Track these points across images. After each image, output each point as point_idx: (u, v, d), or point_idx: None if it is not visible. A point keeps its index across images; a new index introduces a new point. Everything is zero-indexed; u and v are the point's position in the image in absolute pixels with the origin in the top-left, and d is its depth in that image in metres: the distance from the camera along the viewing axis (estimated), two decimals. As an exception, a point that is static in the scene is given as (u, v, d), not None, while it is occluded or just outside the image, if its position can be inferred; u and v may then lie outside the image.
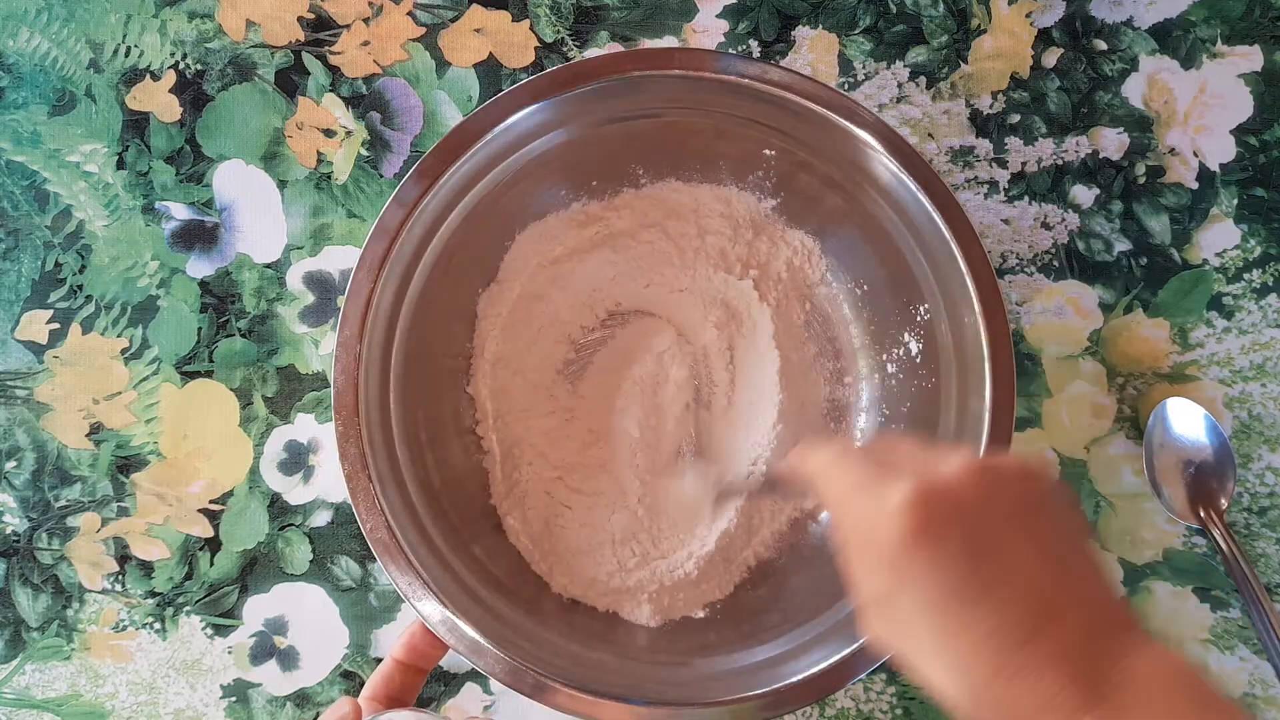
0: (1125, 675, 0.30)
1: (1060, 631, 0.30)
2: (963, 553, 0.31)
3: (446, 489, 0.50)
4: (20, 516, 0.54)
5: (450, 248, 0.49)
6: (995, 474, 0.32)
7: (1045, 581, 0.31)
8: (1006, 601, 0.31)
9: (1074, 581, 0.32)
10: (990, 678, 0.31)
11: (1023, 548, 0.31)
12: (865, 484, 0.33)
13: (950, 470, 0.32)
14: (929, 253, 0.47)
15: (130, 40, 0.56)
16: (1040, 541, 0.32)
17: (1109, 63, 0.56)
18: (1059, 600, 0.31)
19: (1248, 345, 0.55)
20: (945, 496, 0.31)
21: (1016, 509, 0.32)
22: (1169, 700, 0.30)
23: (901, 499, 0.31)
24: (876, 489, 0.32)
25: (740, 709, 0.44)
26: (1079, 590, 0.32)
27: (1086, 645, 0.30)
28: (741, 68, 0.47)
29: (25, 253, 0.55)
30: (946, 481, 0.31)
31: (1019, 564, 0.31)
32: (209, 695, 0.53)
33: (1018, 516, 0.32)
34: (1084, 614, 0.31)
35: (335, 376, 0.45)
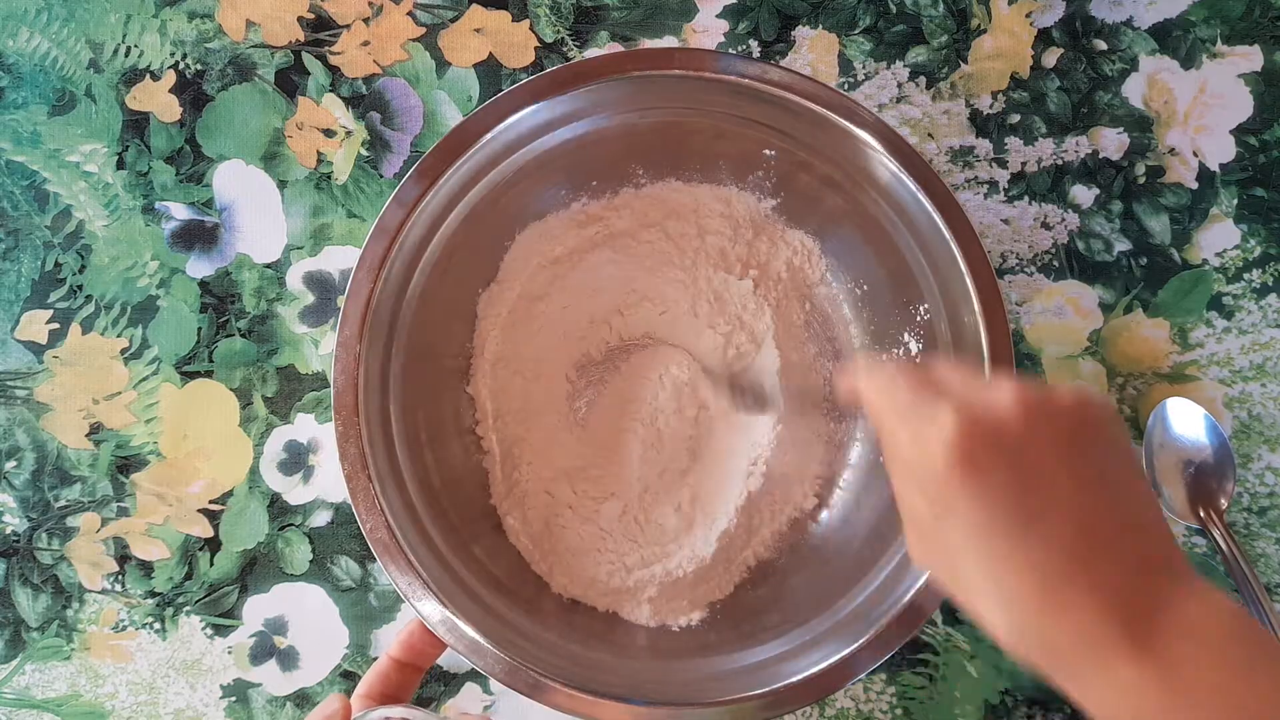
0: (1175, 623, 0.29)
1: (1106, 565, 0.30)
2: (1009, 483, 0.31)
3: (446, 489, 0.50)
4: (20, 516, 0.54)
5: (450, 248, 0.49)
6: (1046, 404, 0.31)
7: (1093, 515, 0.31)
8: (1052, 533, 0.30)
9: (1124, 515, 0.31)
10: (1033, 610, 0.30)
11: (1071, 480, 0.31)
12: (914, 407, 0.32)
13: (1000, 399, 0.31)
14: (929, 253, 0.47)
15: (130, 40, 0.56)
16: (1089, 474, 0.31)
17: (1109, 63, 0.56)
18: (1107, 534, 0.30)
19: (1248, 345, 0.55)
20: (993, 426, 0.31)
21: (1067, 440, 0.31)
22: (1215, 641, 0.29)
23: (949, 426, 0.31)
24: (925, 413, 0.32)
25: (740, 709, 0.44)
26: (1128, 525, 0.31)
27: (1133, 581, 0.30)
28: (741, 68, 0.47)
29: (25, 253, 0.55)
30: (995, 410, 0.31)
31: (1067, 496, 0.30)
32: (209, 695, 0.53)
33: (1067, 448, 0.31)
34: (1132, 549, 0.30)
35: (335, 376, 0.45)
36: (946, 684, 0.53)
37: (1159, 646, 0.29)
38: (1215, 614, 0.30)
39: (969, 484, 0.31)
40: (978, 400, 0.31)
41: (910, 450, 0.32)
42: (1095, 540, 0.30)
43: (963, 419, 0.31)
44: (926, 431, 0.31)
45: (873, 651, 0.44)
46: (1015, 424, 0.31)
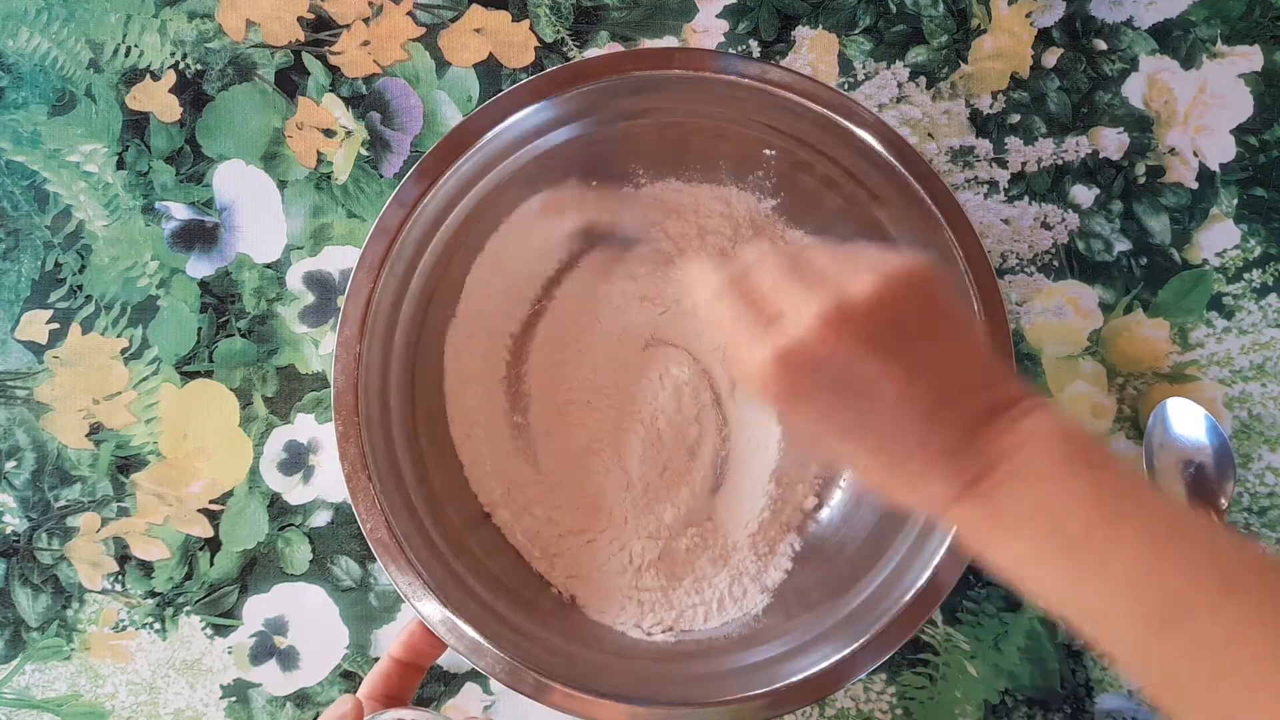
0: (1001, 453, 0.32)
1: (937, 439, 0.33)
2: (829, 405, 0.33)
3: (446, 489, 0.50)
4: (20, 516, 0.54)
5: (450, 248, 0.49)
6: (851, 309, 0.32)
7: (917, 397, 0.33)
8: (885, 432, 0.33)
9: (952, 385, 0.33)
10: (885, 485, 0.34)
11: (888, 378, 0.32)
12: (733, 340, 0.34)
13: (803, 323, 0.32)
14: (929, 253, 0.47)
15: (130, 40, 0.56)
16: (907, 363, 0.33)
17: (1109, 63, 0.56)
18: (936, 408, 0.33)
19: (1248, 345, 0.55)
20: (800, 356, 0.32)
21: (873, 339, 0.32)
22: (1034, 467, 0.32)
23: (763, 366, 0.32)
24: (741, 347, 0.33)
25: (740, 709, 0.44)
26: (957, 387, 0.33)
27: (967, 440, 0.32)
28: (741, 68, 0.47)
29: (25, 253, 0.55)
30: (798, 340, 0.32)
31: (886, 395, 0.32)
32: (209, 695, 0.53)
33: (876, 346, 0.32)
34: (964, 412, 0.33)
35: (335, 376, 0.45)
36: (946, 684, 0.53)
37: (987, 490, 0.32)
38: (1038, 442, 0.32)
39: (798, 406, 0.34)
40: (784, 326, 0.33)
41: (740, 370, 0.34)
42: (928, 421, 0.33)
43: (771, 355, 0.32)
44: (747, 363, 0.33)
45: (873, 651, 0.44)
46: (820, 343, 0.32)
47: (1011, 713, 0.53)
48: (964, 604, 0.53)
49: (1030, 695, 0.53)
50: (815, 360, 0.32)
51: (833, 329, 0.32)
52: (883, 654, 0.44)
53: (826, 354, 0.32)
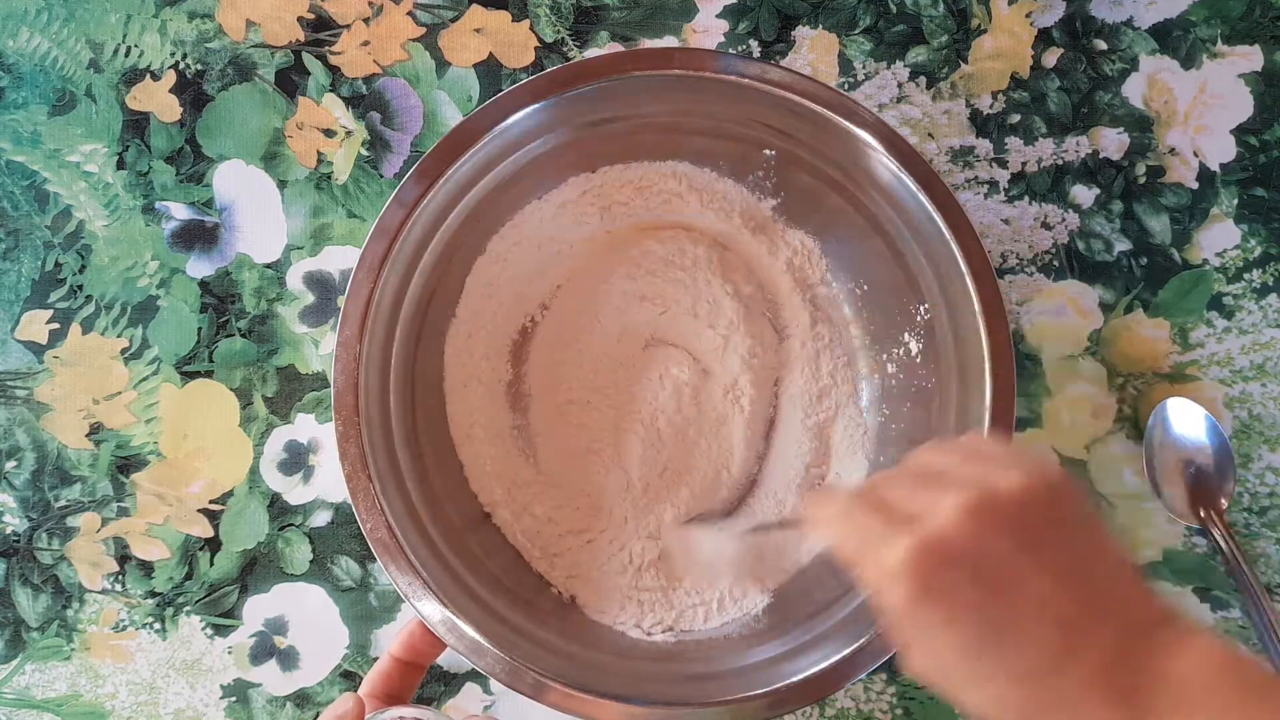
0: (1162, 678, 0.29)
1: (1090, 653, 0.30)
2: (974, 601, 0.30)
3: (446, 489, 0.50)
4: (20, 516, 0.54)
5: (450, 248, 0.49)
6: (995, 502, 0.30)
7: (1067, 605, 0.30)
8: (1028, 638, 0.30)
9: (1098, 594, 0.31)
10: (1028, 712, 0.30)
11: (1035, 576, 0.30)
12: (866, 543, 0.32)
13: (947, 511, 0.30)
14: (929, 253, 0.47)
15: (130, 40, 0.56)
16: (1053, 563, 0.30)
17: (1109, 63, 0.56)
18: (1084, 620, 0.30)
19: (1248, 345, 0.55)
20: (944, 545, 0.30)
21: (1021, 537, 0.30)
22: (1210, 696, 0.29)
23: (899, 559, 0.30)
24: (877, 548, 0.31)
25: (740, 709, 0.44)
26: (1104, 602, 0.31)
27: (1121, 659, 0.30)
28: (741, 68, 0.47)
29: (25, 253, 0.55)
30: (942, 530, 0.30)
31: (1035, 595, 0.30)
32: (209, 695, 0.53)
33: (1024, 544, 0.30)
34: (1114, 626, 0.30)
35: (335, 376, 0.45)
36: (946, 684, 0.53)
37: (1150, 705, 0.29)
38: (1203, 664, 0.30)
39: (933, 608, 0.30)
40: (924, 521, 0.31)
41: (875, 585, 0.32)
42: (1075, 630, 0.30)
43: (912, 545, 0.30)
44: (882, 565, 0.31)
45: (873, 651, 0.44)
46: (966, 534, 0.30)
47: (1011, 713, 0.53)
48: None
49: (1030, 695, 0.53)
50: (958, 553, 0.30)
51: (979, 520, 0.30)
52: (883, 654, 0.44)
53: (971, 545, 0.30)
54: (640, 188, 0.53)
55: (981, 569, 0.30)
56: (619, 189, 0.53)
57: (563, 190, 0.52)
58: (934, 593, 0.30)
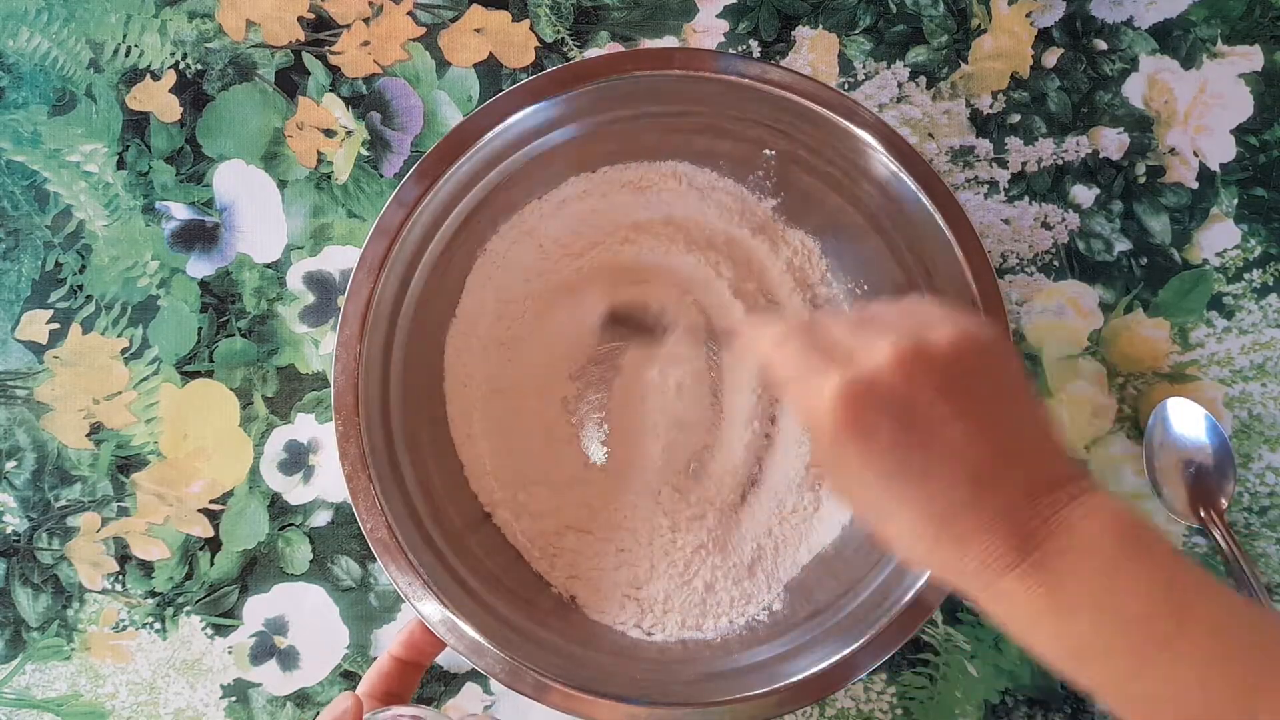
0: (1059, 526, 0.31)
1: (997, 499, 0.32)
2: (895, 438, 0.32)
3: (446, 489, 0.50)
4: (20, 516, 0.54)
5: (450, 248, 0.49)
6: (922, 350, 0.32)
7: (981, 452, 0.32)
8: (941, 480, 0.32)
9: (1010, 445, 0.33)
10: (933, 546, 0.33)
11: (953, 423, 0.32)
12: (802, 372, 0.34)
13: (880, 356, 0.32)
14: (929, 253, 0.47)
15: (130, 40, 0.56)
16: (971, 413, 0.32)
17: (1109, 63, 0.56)
18: (996, 468, 0.32)
19: (1248, 345, 0.55)
20: (872, 386, 0.32)
21: (946, 385, 0.32)
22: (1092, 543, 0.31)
23: (830, 393, 0.32)
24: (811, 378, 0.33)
25: (740, 709, 0.44)
26: (1015, 453, 0.33)
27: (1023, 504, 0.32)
28: (741, 68, 0.47)
29: (25, 253, 0.55)
30: (874, 369, 0.32)
31: (952, 441, 0.32)
32: (209, 695, 0.53)
33: (948, 393, 0.32)
34: (1022, 475, 0.32)
35: (335, 376, 0.45)
36: (947, 684, 0.53)
37: (1044, 559, 0.31)
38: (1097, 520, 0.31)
39: (857, 445, 0.32)
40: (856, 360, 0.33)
41: (802, 411, 0.34)
42: (984, 474, 0.32)
43: (843, 383, 0.32)
44: (813, 395, 0.33)
45: (873, 651, 0.44)
46: (894, 379, 0.32)
47: (1011, 713, 0.53)
48: (964, 604, 0.53)
49: (1030, 695, 0.53)
50: (885, 394, 0.32)
51: (908, 366, 0.32)
52: (883, 654, 0.44)
53: (898, 389, 0.32)
54: (640, 188, 0.53)
55: (904, 412, 0.32)
56: (619, 189, 0.53)
57: (563, 190, 0.52)
58: (858, 428, 0.32)
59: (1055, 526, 0.31)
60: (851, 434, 0.32)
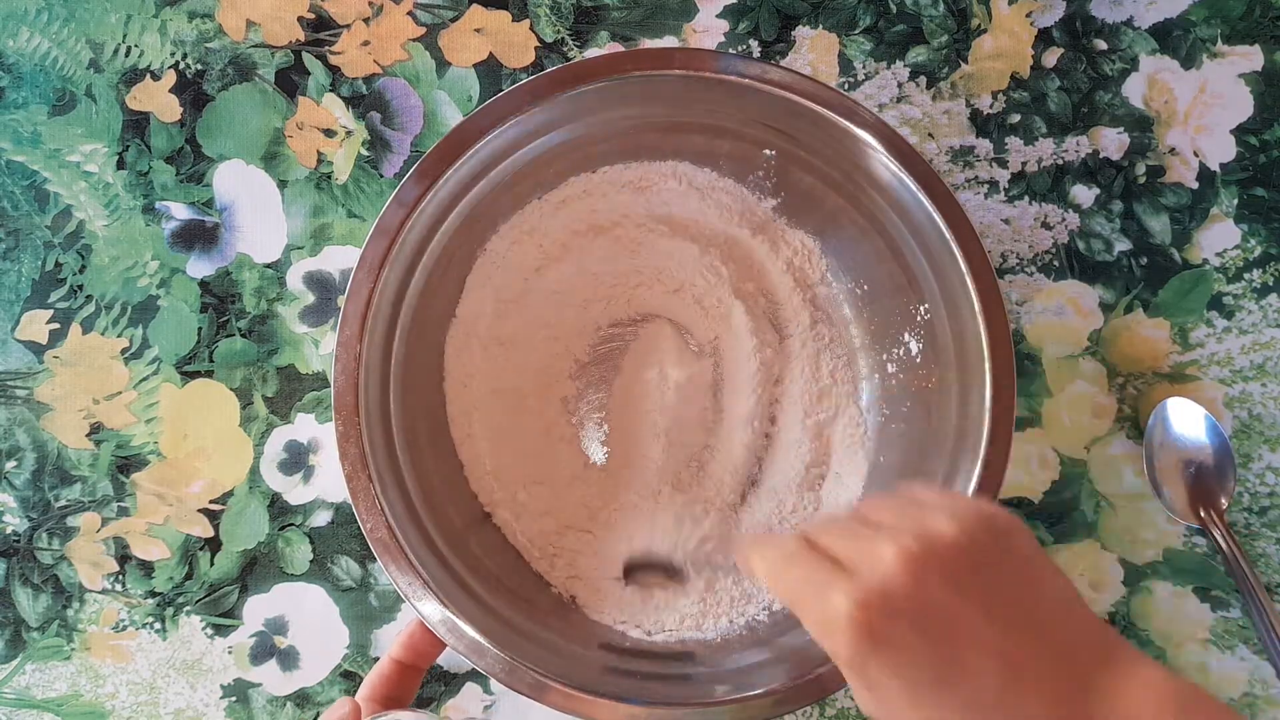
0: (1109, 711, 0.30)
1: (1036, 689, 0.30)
2: (918, 648, 0.31)
3: (446, 488, 0.50)
4: (20, 516, 0.54)
5: (450, 248, 0.49)
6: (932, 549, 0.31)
7: (1010, 646, 0.31)
8: (974, 680, 0.30)
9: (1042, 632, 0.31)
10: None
11: (978, 620, 0.31)
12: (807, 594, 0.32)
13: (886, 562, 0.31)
14: (929, 253, 0.47)
15: (130, 40, 0.56)
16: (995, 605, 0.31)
17: (1109, 63, 0.56)
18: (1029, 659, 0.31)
19: (1248, 345, 0.55)
20: (884, 598, 0.30)
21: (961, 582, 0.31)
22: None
23: (842, 614, 0.31)
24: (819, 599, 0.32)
25: (740, 709, 0.44)
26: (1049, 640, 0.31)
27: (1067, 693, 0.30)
28: (741, 68, 0.47)
29: (25, 253, 0.55)
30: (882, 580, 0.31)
31: (978, 639, 0.30)
32: (209, 695, 0.53)
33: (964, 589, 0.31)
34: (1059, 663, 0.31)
35: (335, 376, 0.45)
36: (947, 684, 0.53)
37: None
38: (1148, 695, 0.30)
39: (879, 658, 0.31)
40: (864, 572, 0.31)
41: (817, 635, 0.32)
42: (1020, 669, 0.30)
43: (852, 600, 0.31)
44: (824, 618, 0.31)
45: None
46: (907, 587, 0.30)
47: (1011, 713, 0.53)
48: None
49: (1030, 695, 0.53)
50: (899, 602, 0.30)
51: (917, 567, 0.31)
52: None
53: (911, 593, 0.30)
54: (640, 188, 0.53)
55: (924, 617, 0.31)
56: (619, 189, 0.53)
57: (563, 190, 0.52)
58: (879, 643, 0.31)
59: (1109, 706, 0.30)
60: (871, 650, 0.31)
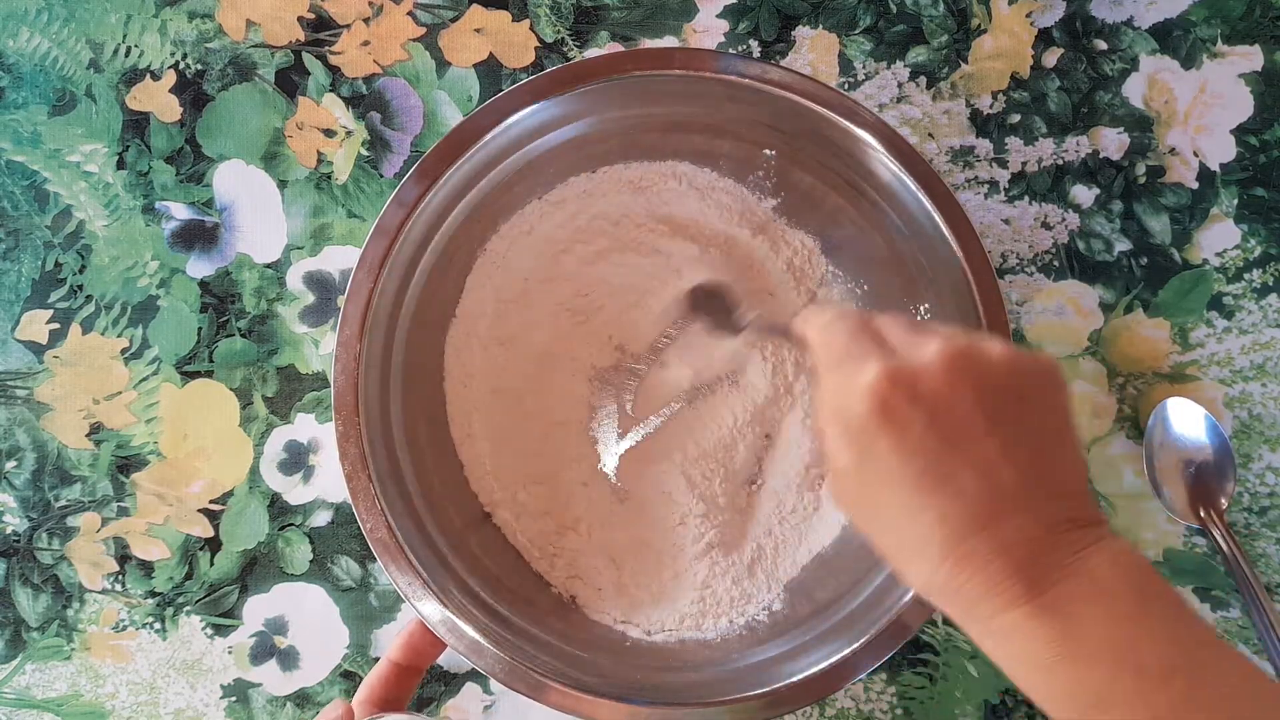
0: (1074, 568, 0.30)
1: (1016, 524, 0.31)
2: (925, 437, 0.31)
3: (446, 488, 0.50)
4: (20, 516, 0.54)
5: (450, 248, 0.49)
6: (975, 361, 0.32)
7: (1009, 474, 0.31)
8: (965, 490, 0.31)
9: (1040, 475, 0.32)
10: (940, 559, 0.31)
11: (989, 438, 0.31)
12: (847, 356, 0.33)
13: (929, 354, 0.32)
14: (929, 253, 0.47)
15: (130, 40, 0.56)
16: (1011, 433, 0.32)
17: (1109, 63, 0.56)
18: (1020, 493, 0.31)
19: (1248, 345, 0.55)
20: (915, 380, 0.31)
21: (989, 398, 0.31)
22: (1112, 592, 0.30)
23: (871, 378, 0.31)
24: (855, 363, 0.32)
25: (740, 709, 0.44)
26: (1044, 485, 0.32)
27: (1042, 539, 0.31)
28: (741, 68, 0.47)
29: (25, 253, 0.55)
30: (921, 366, 0.31)
31: (983, 454, 0.31)
32: (209, 695, 0.53)
33: (990, 406, 0.31)
34: (1046, 509, 0.31)
35: (335, 376, 0.45)
36: (947, 684, 0.53)
37: (1059, 601, 0.30)
38: (1116, 568, 0.31)
39: (885, 432, 0.31)
40: (908, 353, 0.32)
41: (835, 395, 0.33)
42: (1007, 495, 0.31)
43: (886, 370, 0.31)
44: (852, 381, 0.32)
45: (873, 651, 0.44)
46: (938, 379, 0.31)
47: (1011, 713, 0.53)
48: (964, 604, 0.53)
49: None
50: (925, 390, 0.31)
51: (955, 369, 0.31)
52: (883, 654, 0.44)
53: (940, 388, 0.31)
54: (640, 188, 0.53)
55: (939, 413, 0.31)
56: (619, 189, 0.53)
57: (563, 190, 0.52)
58: (891, 415, 0.31)
59: (1074, 568, 0.30)
60: (881, 422, 0.31)
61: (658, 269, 0.53)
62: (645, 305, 0.53)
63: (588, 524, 0.51)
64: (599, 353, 0.53)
